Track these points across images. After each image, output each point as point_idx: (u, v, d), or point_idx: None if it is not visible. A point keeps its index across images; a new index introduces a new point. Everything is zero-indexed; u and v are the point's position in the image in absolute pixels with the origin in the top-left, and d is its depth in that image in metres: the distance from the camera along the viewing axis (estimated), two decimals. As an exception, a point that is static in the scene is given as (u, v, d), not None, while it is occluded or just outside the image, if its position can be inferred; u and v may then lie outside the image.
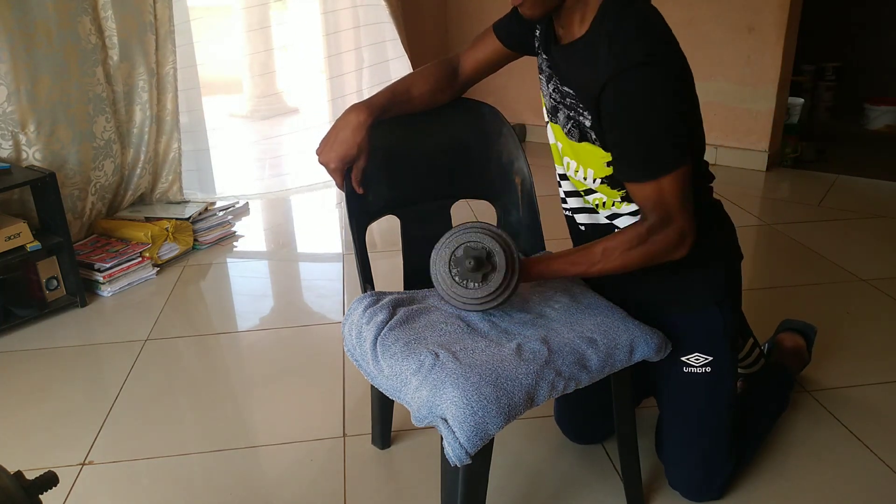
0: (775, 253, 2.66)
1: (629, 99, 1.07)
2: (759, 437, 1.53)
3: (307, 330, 2.18)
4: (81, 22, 2.39)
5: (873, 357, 1.89)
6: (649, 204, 1.12)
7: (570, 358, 1.12)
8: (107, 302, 2.38)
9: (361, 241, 1.36)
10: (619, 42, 1.06)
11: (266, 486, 1.49)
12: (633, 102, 1.07)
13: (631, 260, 1.13)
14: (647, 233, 1.12)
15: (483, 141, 1.45)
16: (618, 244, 1.13)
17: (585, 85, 1.14)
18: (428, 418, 1.04)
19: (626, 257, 1.13)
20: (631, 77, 1.06)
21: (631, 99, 1.07)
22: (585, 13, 1.13)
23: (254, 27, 4.70)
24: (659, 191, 1.10)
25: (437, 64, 1.36)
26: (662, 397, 1.40)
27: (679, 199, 1.10)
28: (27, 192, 2.31)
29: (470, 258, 1.10)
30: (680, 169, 1.10)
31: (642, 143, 1.10)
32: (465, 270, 1.12)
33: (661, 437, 1.42)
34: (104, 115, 2.53)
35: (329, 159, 1.26)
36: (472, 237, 1.13)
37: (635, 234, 1.13)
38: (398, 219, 1.44)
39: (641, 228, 1.13)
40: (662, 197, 1.10)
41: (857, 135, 4.29)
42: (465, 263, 1.11)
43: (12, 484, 0.77)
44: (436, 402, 1.03)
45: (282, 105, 5.38)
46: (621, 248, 1.13)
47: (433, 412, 1.03)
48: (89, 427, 1.70)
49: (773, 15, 3.29)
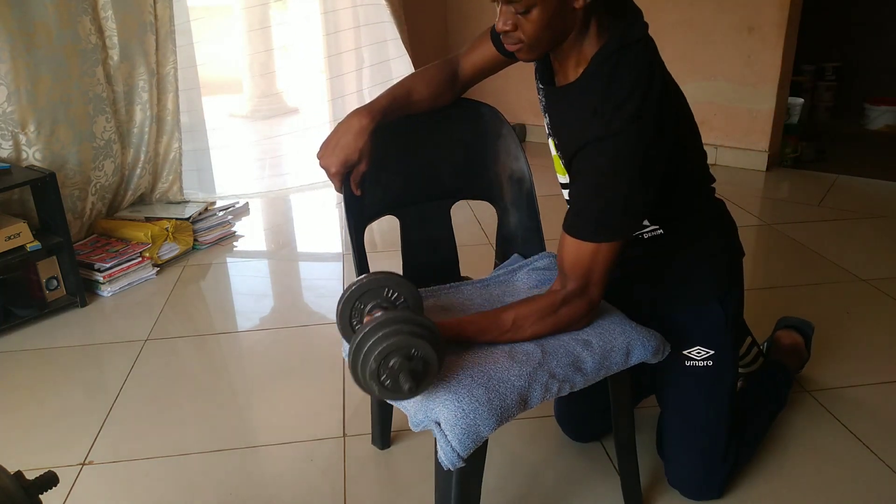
0: (775, 253, 2.66)
1: (602, 163, 1.09)
2: (757, 437, 1.53)
3: (307, 330, 2.18)
4: (81, 22, 2.39)
5: (873, 357, 1.89)
6: (577, 267, 1.13)
7: (564, 360, 1.11)
8: (107, 302, 2.38)
9: (360, 241, 1.36)
10: (610, 103, 1.08)
11: (266, 486, 1.50)
12: (604, 168, 1.09)
13: (540, 330, 1.14)
14: (561, 303, 1.13)
15: (483, 141, 1.45)
16: (530, 313, 1.13)
17: (569, 136, 1.17)
18: (424, 422, 1.04)
19: (537, 327, 1.14)
20: (609, 144, 1.08)
21: (603, 164, 1.09)
22: (580, 59, 1.14)
23: (254, 27, 4.70)
24: (594, 254, 1.12)
25: (438, 67, 1.36)
26: (664, 393, 1.41)
27: (605, 268, 1.13)
28: (27, 192, 2.32)
29: (408, 380, 0.98)
30: (624, 239, 1.13)
31: (601, 206, 1.11)
32: (396, 383, 0.99)
33: (662, 434, 1.43)
34: (104, 116, 2.54)
35: (330, 163, 1.25)
36: (401, 342, 0.97)
37: (548, 304, 1.14)
38: (397, 219, 1.44)
39: (556, 298, 1.14)
40: (595, 261, 1.12)
41: (857, 135, 4.29)
42: (399, 381, 0.98)
43: (12, 484, 0.78)
44: (430, 405, 1.03)
45: (282, 105, 5.38)
46: (533, 317, 1.13)
47: (428, 416, 1.03)
48: (89, 427, 1.70)
49: (773, 15, 3.29)
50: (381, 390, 0.99)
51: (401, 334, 0.97)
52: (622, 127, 1.07)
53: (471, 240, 2.75)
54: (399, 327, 0.98)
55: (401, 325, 0.98)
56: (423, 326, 1.00)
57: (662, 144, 1.11)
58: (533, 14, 1.06)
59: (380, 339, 0.97)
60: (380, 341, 0.97)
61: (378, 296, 1.13)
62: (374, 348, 0.97)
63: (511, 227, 1.47)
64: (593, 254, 1.12)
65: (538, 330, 1.14)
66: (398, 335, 0.97)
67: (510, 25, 1.09)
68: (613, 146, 1.08)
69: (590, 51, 1.12)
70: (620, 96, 1.07)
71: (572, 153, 1.16)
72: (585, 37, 1.12)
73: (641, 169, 1.10)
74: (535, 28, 1.08)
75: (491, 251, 2.63)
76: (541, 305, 1.14)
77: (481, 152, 1.46)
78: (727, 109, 3.56)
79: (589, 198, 1.13)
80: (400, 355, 0.97)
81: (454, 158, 1.45)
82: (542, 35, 1.09)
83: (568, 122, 1.19)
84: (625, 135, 1.07)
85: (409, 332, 0.98)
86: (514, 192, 1.45)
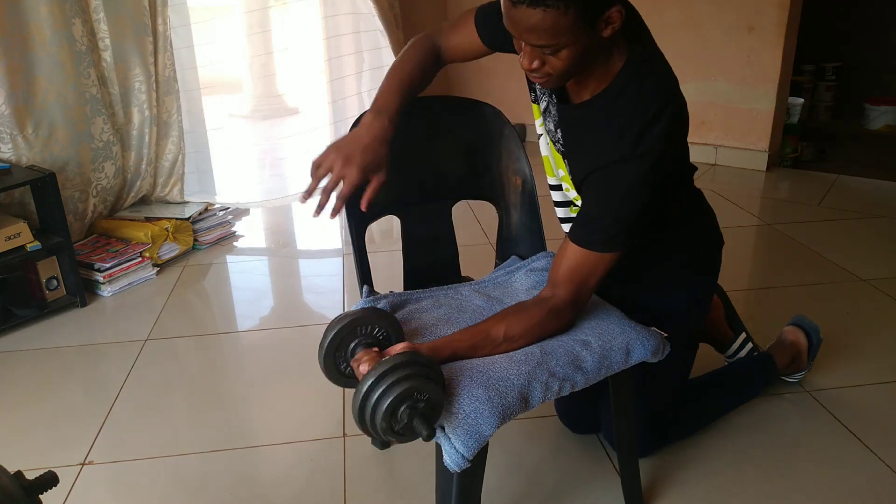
0: (775, 253, 2.66)
1: (621, 183, 1.10)
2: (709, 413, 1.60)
3: (307, 330, 2.18)
4: (75, 24, 2.39)
5: (873, 357, 1.89)
6: (576, 275, 1.14)
7: (563, 359, 1.11)
8: (107, 302, 2.38)
9: (361, 241, 1.36)
10: (637, 124, 1.07)
11: (266, 486, 1.50)
12: (622, 188, 1.10)
13: (532, 340, 1.15)
14: (550, 312, 1.15)
15: (485, 141, 1.45)
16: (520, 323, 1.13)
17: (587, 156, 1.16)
18: None
19: (527, 339, 1.14)
20: (632, 165, 1.08)
21: (622, 184, 1.10)
22: (601, 79, 1.12)
23: (255, 29, 4.70)
24: (595, 265, 1.13)
25: (421, 47, 1.30)
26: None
27: (598, 279, 1.15)
28: (27, 192, 2.32)
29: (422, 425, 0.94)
30: (621, 252, 1.14)
31: (611, 221, 1.12)
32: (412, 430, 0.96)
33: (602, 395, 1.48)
34: (101, 117, 2.53)
35: (346, 173, 1.15)
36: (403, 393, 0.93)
37: (538, 314, 1.14)
38: (398, 218, 1.44)
39: (545, 307, 1.14)
40: (594, 272, 1.14)
41: (857, 135, 4.29)
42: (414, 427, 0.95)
43: (12, 484, 0.77)
44: None
45: (282, 106, 5.39)
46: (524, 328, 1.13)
47: None
48: (89, 427, 1.70)
49: (773, 15, 3.29)
50: (400, 439, 0.97)
51: (399, 383, 0.93)
52: (652, 145, 1.07)
53: (471, 240, 2.75)
54: (395, 377, 0.93)
55: (396, 374, 0.94)
56: (417, 365, 0.96)
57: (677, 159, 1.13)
58: (563, 53, 1.02)
59: (380, 397, 0.93)
60: (381, 399, 0.93)
61: (356, 334, 1.10)
62: (378, 408, 0.93)
63: (512, 227, 1.47)
64: (595, 264, 1.13)
65: (530, 340, 1.14)
66: (398, 385, 0.93)
67: (538, 64, 1.05)
68: (636, 168, 1.08)
69: (611, 71, 1.11)
70: (650, 115, 1.07)
71: (589, 172, 1.15)
72: (608, 59, 1.10)
73: (655, 186, 1.10)
74: (566, 64, 1.03)
75: (490, 251, 2.63)
76: (531, 315, 1.14)
77: (483, 152, 1.46)
78: (727, 109, 3.56)
79: (602, 212, 1.13)
80: (405, 405, 0.94)
81: (456, 158, 1.46)
82: (572, 69, 1.05)
83: (587, 143, 1.17)
84: (651, 154, 1.07)
85: (406, 376, 0.94)
86: (515, 192, 1.45)
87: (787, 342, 1.75)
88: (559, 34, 0.98)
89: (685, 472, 1.49)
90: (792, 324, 1.79)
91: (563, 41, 0.99)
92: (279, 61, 4.75)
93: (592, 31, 1.00)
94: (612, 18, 1.00)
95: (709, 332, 1.75)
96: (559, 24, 0.96)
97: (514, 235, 1.47)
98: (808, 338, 1.75)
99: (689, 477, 1.47)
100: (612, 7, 0.99)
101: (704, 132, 3.65)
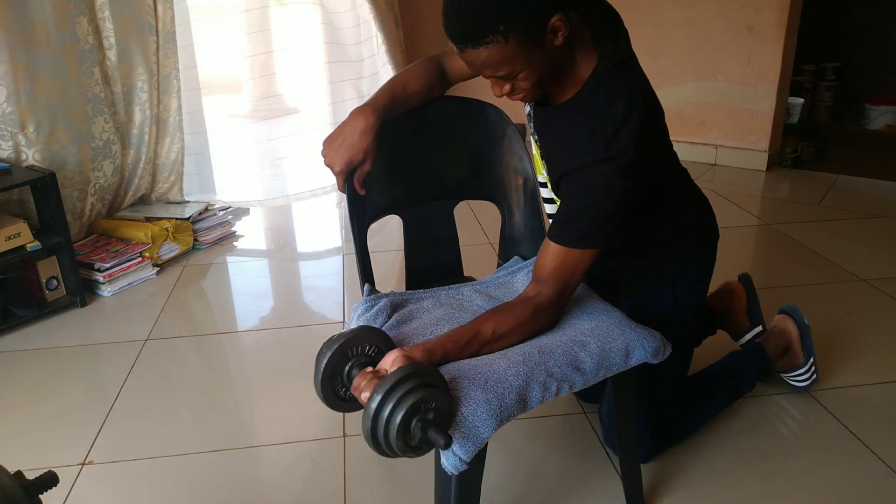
0: (775, 253, 2.66)
1: (596, 185, 1.12)
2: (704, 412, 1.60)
3: (307, 330, 2.18)
4: (79, 22, 2.39)
5: (873, 357, 1.89)
6: (560, 273, 1.16)
7: (561, 359, 1.11)
8: (107, 302, 2.38)
9: (362, 240, 1.36)
10: (609, 125, 1.10)
11: (266, 486, 1.49)
12: (598, 188, 1.12)
13: (520, 339, 1.16)
14: (535, 310, 1.16)
15: (487, 141, 1.45)
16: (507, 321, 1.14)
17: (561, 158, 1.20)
18: None
19: (515, 337, 1.15)
20: (605, 167, 1.10)
21: (597, 185, 1.12)
22: (574, 81, 1.16)
23: (255, 29, 4.70)
24: (577, 261, 1.16)
25: (427, 62, 1.37)
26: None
27: (581, 275, 1.18)
28: (27, 192, 2.31)
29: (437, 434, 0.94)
30: (601, 249, 1.16)
31: (589, 220, 1.14)
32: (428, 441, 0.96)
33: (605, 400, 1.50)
34: (103, 116, 2.53)
35: (334, 162, 1.26)
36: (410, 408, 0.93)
37: (524, 311, 1.15)
38: (400, 218, 1.44)
39: (530, 305, 1.16)
40: (576, 268, 1.16)
41: (857, 135, 4.29)
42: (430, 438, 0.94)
43: (12, 484, 0.77)
44: None
45: (282, 106, 5.38)
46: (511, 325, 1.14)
47: None
48: (89, 427, 1.70)
49: (773, 15, 3.29)
50: (419, 453, 0.97)
51: (404, 399, 0.92)
52: (622, 149, 1.09)
53: (471, 240, 2.75)
54: (398, 395, 0.93)
55: (399, 391, 0.93)
56: (417, 376, 0.95)
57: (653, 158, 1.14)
58: (522, 75, 1.08)
59: (389, 419, 0.93)
60: (390, 421, 0.93)
61: (348, 357, 1.09)
62: (389, 430, 0.93)
63: (515, 227, 1.47)
64: (576, 260, 1.16)
65: (520, 337, 1.16)
66: (403, 402, 0.92)
67: (507, 90, 1.12)
68: (609, 169, 1.10)
69: (583, 72, 1.15)
70: (619, 117, 1.10)
71: (564, 173, 1.18)
72: (576, 62, 1.14)
73: (631, 188, 1.13)
74: (530, 84, 1.11)
75: (491, 251, 2.63)
76: (517, 312, 1.15)
77: (486, 153, 1.46)
78: (727, 109, 3.56)
79: (578, 212, 1.15)
80: (416, 419, 0.93)
81: (459, 158, 1.46)
82: (538, 84, 1.12)
83: (561, 145, 1.21)
84: (623, 156, 1.09)
85: (408, 391, 0.93)
86: (517, 192, 1.45)
87: (775, 329, 1.73)
88: (511, 62, 1.05)
89: (686, 472, 1.49)
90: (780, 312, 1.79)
91: (517, 67, 1.06)
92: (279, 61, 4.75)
93: (542, 46, 1.05)
94: (556, 27, 1.05)
95: (726, 319, 1.77)
96: (506, 54, 1.03)
97: (517, 235, 1.47)
98: (797, 326, 1.72)
99: (690, 477, 1.48)
100: (552, 17, 1.03)
101: (704, 132, 3.65)
